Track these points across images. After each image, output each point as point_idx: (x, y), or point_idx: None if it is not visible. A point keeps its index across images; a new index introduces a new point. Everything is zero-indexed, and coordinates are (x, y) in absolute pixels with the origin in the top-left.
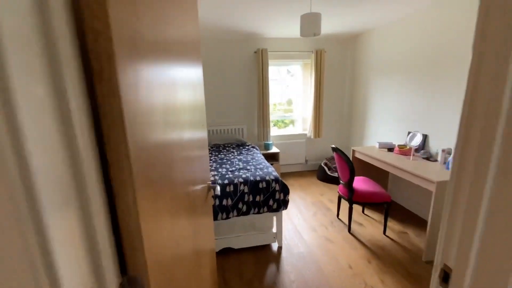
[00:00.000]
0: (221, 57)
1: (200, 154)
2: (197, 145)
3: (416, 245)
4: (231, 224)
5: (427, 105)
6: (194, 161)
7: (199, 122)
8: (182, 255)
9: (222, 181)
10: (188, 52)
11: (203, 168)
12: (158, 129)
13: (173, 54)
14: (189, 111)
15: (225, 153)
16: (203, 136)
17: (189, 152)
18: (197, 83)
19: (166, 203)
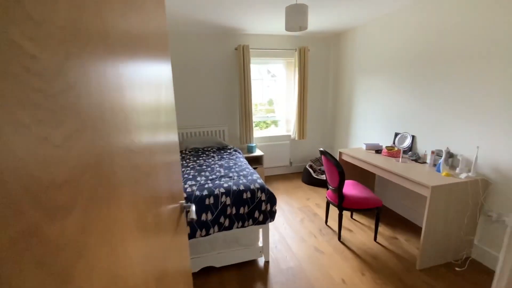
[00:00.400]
0: (199, 54)
1: (167, 164)
2: (162, 153)
3: (407, 252)
4: (211, 241)
5: (413, 105)
6: (157, 173)
7: (166, 125)
8: None
9: (200, 192)
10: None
11: (172, 181)
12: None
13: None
14: (150, 112)
15: (205, 158)
16: (171, 142)
17: (151, 164)
18: (161, 81)
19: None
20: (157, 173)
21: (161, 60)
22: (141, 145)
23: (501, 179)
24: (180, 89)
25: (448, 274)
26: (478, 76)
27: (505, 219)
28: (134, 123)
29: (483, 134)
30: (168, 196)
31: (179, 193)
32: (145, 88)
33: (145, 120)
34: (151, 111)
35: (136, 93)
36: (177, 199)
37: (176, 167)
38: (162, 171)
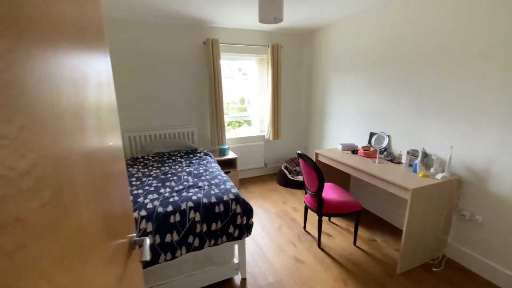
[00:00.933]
0: (163, 47)
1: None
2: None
3: (387, 255)
4: (179, 263)
5: (387, 104)
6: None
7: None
8: None
9: (164, 208)
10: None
11: (113, 204)
12: None
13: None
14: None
15: (171, 164)
16: (110, 149)
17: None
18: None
19: None
20: (83, 201)
21: (89, 54)
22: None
23: (474, 178)
24: (140, 87)
25: (427, 276)
26: (451, 76)
27: (478, 217)
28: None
29: (456, 134)
30: (106, 231)
31: (126, 223)
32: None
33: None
34: (70, 118)
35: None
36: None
37: (119, 186)
38: (91, 196)
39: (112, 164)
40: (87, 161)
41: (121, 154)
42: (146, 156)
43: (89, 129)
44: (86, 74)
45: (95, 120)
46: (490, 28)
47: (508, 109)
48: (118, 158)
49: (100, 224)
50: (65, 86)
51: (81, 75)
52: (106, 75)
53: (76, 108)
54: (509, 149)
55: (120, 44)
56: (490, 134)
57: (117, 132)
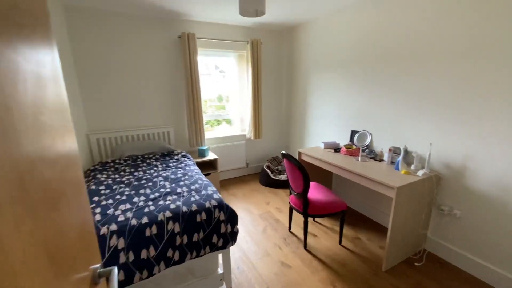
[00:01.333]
0: (134, 40)
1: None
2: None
3: (371, 252)
4: (157, 280)
5: (368, 102)
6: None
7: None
8: None
9: (138, 220)
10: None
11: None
12: None
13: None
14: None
15: (145, 168)
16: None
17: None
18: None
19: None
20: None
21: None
22: None
23: (452, 174)
24: (110, 84)
25: (410, 272)
26: (430, 75)
27: (456, 212)
28: None
29: (435, 131)
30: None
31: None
32: None
33: None
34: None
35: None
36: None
37: (74, 198)
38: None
39: (61, 175)
40: (16, 172)
41: (76, 161)
42: (117, 160)
43: (21, 132)
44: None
45: (32, 120)
46: (468, 29)
47: (483, 107)
48: (71, 166)
49: (39, 258)
50: None
51: (11, 67)
52: (51, 69)
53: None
54: (485, 145)
55: (83, 36)
56: (467, 131)
57: (69, 134)
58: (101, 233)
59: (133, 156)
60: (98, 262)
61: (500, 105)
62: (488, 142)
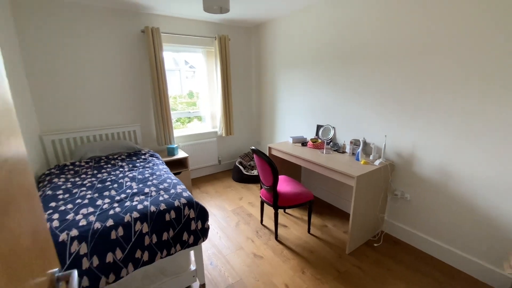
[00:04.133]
0: (92, 34)
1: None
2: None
3: (336, 238)
4: (126, 282)
5: (331, 98)
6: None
7: None
8: None
9: (102, 223)
10: None
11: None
12: None
13: None
14: None
15: (109, 170)
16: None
17: None
18: None
19: None
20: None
21: None
22: None
23: (403, 162)
24: (66, 80)
25: (370, 252)
26: (383, 71)
27: (406, 195)
28: None
29: (389, 124)
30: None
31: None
32: None
33: None
34: None
35: None
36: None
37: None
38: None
39: (8, 181)
40: None
41: (25, 165)
42: (77, 162)
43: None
44: None
45: None
46: (421, 28)
47: (427, 99)
48: (19, 170)
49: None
50: None
51: None
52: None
53: None
54: (427, 135)
55: (32, 29)
56: (413, 123)
57: (15, 136)
58: (60, 240)
59: (95, 158)
60: (57, 267)
61: (442, 99)
62: (430, 132)
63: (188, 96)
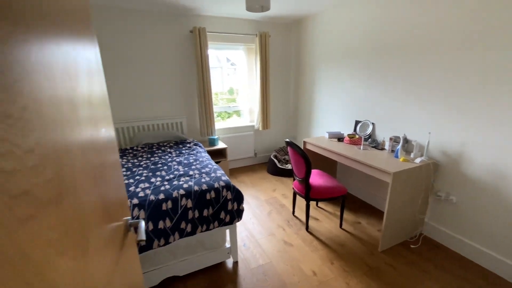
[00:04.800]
0: (149, 36)
1: (101, 170)
2: (92, 156)
3: (369, 235)
4: (172, 249)
5: (372, 93)
6: (85, 184)
7: (89, 119)
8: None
9: (155, 196)
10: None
11: (109, 191)
12: None
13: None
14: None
15: (160, 154)
16: (103, 140)
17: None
18: (80, 66)
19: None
20: (84, 183)
21: (78, 41)
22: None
23: (448, 162)
24: (127, 76)
25: (405, 252)
26: (431, 66)
27: (452, 197)
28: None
29: (434, 121)
30: (103, 213)
31: (121, 206)
32: (53, 70)
33: (55, 114)
34: (65, 103)
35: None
36: (119, 215)
37: (114, 172)
38: (92, 180)
39: (107, 153)
40: (82, 147)
41: (115, 144)
42: (135, 147)
43: (83, 117)
44: (76, 60)
45: (88, 107)
46: (471, 20)
47: (480, 95)
48: (112, 149)
49: (98, 206)
50: (58, 72)
51: (72, 61)
52: (96, 63)
53: (70, 94)
54: (480, 133)
55: (103, 32)
56: (464, 119)
57: (109, 121)
58: None
59: (149, 144)
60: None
61: (495, 94)
62: (482, 130)
63: (229, 93)
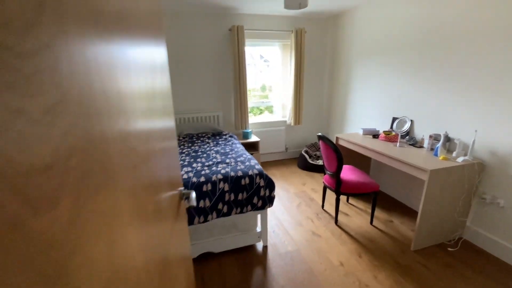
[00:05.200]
0: (191, 35)
1: (165, 150)
2: (160, 140)
3: (402, 234)
4: (209, 227)
5: (411, 89)
6: (155, 159)
7: (162, 110)
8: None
9: (197, 178)
10: (141, 25)
11: (170, 167)
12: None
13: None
14: (148, 97)
15: (200, 144)
16: (169, 128)
17: (148, 149)
18: (156, 63)
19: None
20: (155, 159)
21: (155, 42)
22: (138, 129)
23: (497, 162)
24: (171, 72)
25: (441, 254)
26: (477, 60)
27: (499, 201)
28: (129, 106)
29: (481, 118)
30: (167, 183)
31: (177, 180)
32: (140, 71)
33: (141, 104)
34: (147, 95)
35: (131, 76)
36: (175, 185)
37: (174, 153)
38: (160, 157)
39: (171, 140)
40: (161, 134)
41: (175, 133)
42: (178, 137)
43: (160, 107)
44: (154, 61)
45: (161, 99)
46: None
47: None
48: (173, 135)
49: (166, 179)
50: (144, 71)
51: (152, 61)
52: (165, 63)
53: (152, 90)
54: None
55: None
56: None
57: (172, 114)
58: None
59: (190, 134)
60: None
61: None
62: None
63: (261, 90)
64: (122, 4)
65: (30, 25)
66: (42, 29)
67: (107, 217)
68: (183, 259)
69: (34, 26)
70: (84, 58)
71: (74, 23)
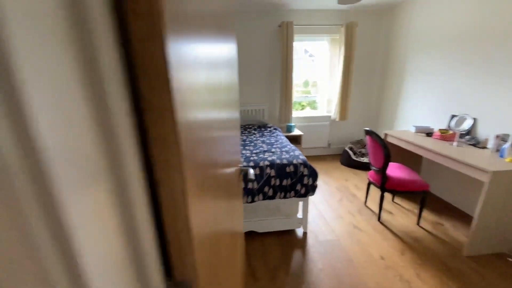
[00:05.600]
0: (242, 32)
1: (234, 135)
2: (232, 126)
3: (454, 238)
4: (255, 208)
5: (474, 84)
6: (229, 142)
7: (234, 101)
8: (222, 246)
9: (247, 163)
10: (223, 26)
11: (236, 149)
12: (201, 108)
13: (212, 29)
14: (226, 90)
15: (247, 134)
16: (236, 117)
17: (226, 133)
18: (232, 60)
19: (209, 189)
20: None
21: (232, 39)
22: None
23: None
24: None
25: (499, 263)
26: None
27: None
28: (222, 97)
29: None
30: (233, 160)
31: (239, 159)
32: (225, 66)
33: (225, 97)
34: (225, 88)
35: (222, 71)
36: (237, 163)
37: (237, 138)
38: (232, 139)
39: (237, 128)
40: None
41: (239, 122)
42: None
43: (232, 99)
44: (232, 56)
45: (234, 94)
46: None
47: None
48: (237, 124)
49: (234, 157)
50: (226, 65)
51: (231, 57)
52: (235, 59)
53: (230, 82)
54: None
55: None
56: None
57: (237, 106)
58: None
59: None
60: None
61: None
62: None
63: (303, 85)
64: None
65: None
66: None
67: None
68: (240, 232)
69: None
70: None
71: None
